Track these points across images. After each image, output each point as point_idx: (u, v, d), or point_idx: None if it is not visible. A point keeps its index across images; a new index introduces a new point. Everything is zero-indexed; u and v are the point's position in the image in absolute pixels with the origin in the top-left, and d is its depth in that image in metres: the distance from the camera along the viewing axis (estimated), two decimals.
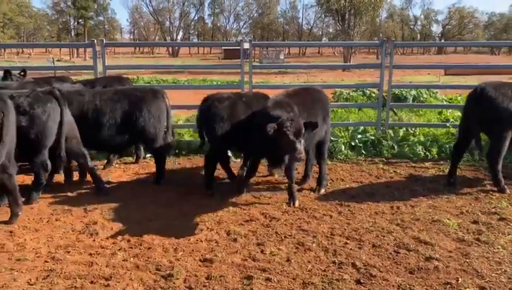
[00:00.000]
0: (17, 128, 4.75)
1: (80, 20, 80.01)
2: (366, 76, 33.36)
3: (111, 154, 7.01)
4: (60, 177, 6.32)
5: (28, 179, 6.39)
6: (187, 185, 6.25)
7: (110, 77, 7.20)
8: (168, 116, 6.27)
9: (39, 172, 5.26)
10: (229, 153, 7.95)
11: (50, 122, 5.05)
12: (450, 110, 9.66)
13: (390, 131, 8.29)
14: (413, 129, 8.47)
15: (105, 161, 7.14)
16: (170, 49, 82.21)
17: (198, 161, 7.66)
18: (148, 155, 7.47)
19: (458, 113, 9.25)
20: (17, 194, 4.87)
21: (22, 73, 6.85)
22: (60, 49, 77.25)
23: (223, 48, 74.66)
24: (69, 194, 5.82)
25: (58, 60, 45.95)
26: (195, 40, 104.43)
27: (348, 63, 31.13)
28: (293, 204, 5.39)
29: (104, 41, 7.72)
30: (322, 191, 5.94)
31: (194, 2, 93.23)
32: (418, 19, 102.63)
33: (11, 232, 4.59)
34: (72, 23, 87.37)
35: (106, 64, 7.71)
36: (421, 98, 12.03)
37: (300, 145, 4.73)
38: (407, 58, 74.54)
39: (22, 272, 3.76)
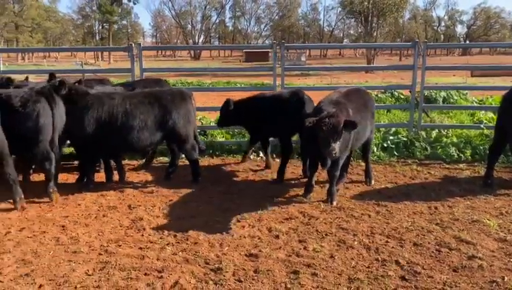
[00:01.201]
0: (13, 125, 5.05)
1: (105, 24, 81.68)
2: (390, 78, 33.12)
3: (148, 155, 7.24)
4: (101, 176, 6.59)
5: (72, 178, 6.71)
6: (224, 184, 6.42)
7: (149, 79, 7.46)
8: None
9: (43, 163, 5.45)
10: (261, 154, 8.14)
11: (41, 118, 5.18)
12: (483, 112, 9.56)
13: (423, 132, 8.29)
14: (446, 131, 8.43)
15: (144, 161, 7.38)
16: (192, 52, 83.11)
17: (231, 161, 7.82)
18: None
19: (491, 115, 9.17)
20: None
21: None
22: (85, 53, 79.21)
23: (244, 50, 75.16)
24: (112, 191, 6.05)
25: (85, 63, 47.02)
26: (216, 43, 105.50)
27: (383, 65, 30.89)
28: (331, 203, 5.49)
29: (141, 45, 7.98)
30: (372, 182, 6.36)
31: (216, 5, 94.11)
32: (442, 20, 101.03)
33: (63, 226, 4.84)
34: (96, 27, 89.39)
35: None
36: (451, 100, 11.94)
37: (335, 142, 4.85)
38: (431, 59, 73.27)
39: (79, 263, 3.97)
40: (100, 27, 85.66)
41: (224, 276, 3.72)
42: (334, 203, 5.51)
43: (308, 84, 27.99)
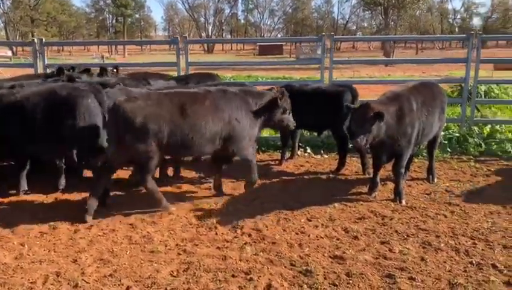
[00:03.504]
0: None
1: (119, 18, 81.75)
2: (411, 71, 32.62)
3: None
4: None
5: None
6: (281, 181, 6.27)
7: (201, 73, 7.29)
8: None
9: None
10: (308, 150, 7.98)
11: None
12: None
13: (475, 128, 8.03)
14: (499, 126, 8.15)
15: None
16: (205, 45, 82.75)
17: (278, 156, 7.62)
18: None
19: None
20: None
21: (115, 70, 7.04)
22: (98, 47, 79.36)
23: (257, 44, 74.63)
24: (169, 187, 5.90)
25: (106, 57, 47.16)
26: (228, 37, 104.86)
27: (436, 58, 30.47)
28: (400, 202, 5.31)
29: (188, 39, 7.82)
30: (435, 180, 6.14)
31: None
32: (458, 12, 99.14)
33: (131, 224, 4.71)
34: (110, 21, 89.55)
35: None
36: (492, 94, 11.58)
37: (363, 134, 4.74)
38: (448, 52, 72.25)
39: (161, 264, 3.84)
40: (114, 20, 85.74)
41: (317, 279, 3.55)
42: (403, 202, 5.32)
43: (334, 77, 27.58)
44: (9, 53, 51.29)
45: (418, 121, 5.29)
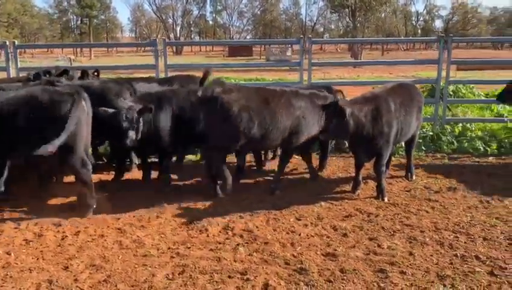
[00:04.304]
0: None
1: (84, 19, 79.64)
2: (379, 72, 33.45)
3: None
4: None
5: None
6: (265, 182, 6.32)
7: (183, 76, 7.23)
8: None
9: None
10: None
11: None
12: (501, 106, 9.67)
13: (448, 127, 8.37)
14: (470, 124, 8.52)
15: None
16: (174, 47, 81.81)
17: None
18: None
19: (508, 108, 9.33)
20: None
21: (96, 73, 6.91)
22: (62, 49, 76.88)
23: (227, 46, 74.54)
24: (152, 192, 5.84)
25: (73, 60, 45.79)
26: (197, 38, 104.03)
27: (408, 59, 31.02)
28: (382, 199, 5.48)
29: (166, 41, 7.76)
30: (414, 177, 6.32)
31: None
32: (421, 15, 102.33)
33: (119, 229, 4.65)
34: (74, 22, 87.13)
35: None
36: (460, 94, 12.07)
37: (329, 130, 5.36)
38: (412, 53, 74.38)
39: (155, 267, 3.82)
40: (79, 22, 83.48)
41: (312, 277, 3.63)
42: (386, 199, 5.50)
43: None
44: None
45: (397, 121, 5.49)
